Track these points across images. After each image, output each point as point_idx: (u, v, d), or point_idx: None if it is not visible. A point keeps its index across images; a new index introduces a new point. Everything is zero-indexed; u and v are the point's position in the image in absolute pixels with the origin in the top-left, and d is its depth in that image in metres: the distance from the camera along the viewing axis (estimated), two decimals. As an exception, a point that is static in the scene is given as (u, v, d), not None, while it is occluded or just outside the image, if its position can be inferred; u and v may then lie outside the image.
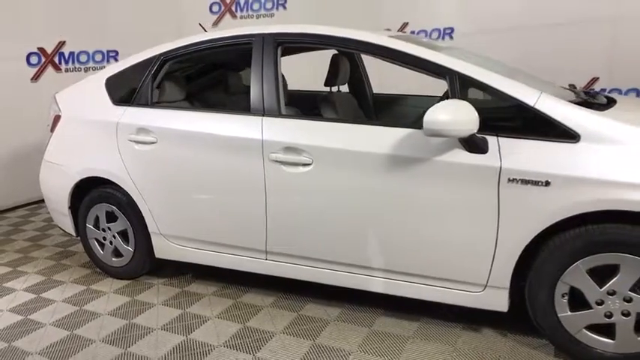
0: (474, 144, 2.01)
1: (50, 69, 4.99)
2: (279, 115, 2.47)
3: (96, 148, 2.94)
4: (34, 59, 4.89)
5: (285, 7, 6.07)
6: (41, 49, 4.92)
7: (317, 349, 2.26)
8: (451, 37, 5.59)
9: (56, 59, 5.03)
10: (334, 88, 3.13)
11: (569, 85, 2.69)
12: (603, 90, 4.98)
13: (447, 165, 2.07)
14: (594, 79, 4.96)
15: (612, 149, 1.87)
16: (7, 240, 3.95)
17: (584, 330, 2.01)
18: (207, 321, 2.56)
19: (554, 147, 1.93)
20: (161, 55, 2.86)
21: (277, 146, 2.40)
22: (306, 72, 3.86)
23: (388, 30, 5.90)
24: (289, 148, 2.37)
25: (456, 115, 1.95)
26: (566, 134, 1.93)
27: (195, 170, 2.64)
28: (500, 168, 1.98)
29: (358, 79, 3.61)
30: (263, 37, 2.56)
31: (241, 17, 6.19)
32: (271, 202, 2.47)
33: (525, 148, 1.97)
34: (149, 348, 2.35)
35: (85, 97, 3.10)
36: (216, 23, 6.16)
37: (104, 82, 3.02)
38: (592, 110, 1.98)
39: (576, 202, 1.88)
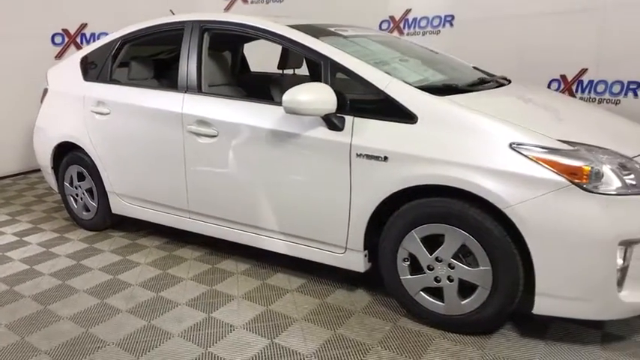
0: (331, 122, 2.28)
1: (73, 48, 5.63)
2: (198, 92, 2.84)
3: (69, 117, 3.46)
4: (58, 39, 5.55)
5: (293, -6, 6.33)
6: (65, 30, 5.57)
7: (210, 293, 2.65)
8: (451, 25, 5.68)
9: (78, 40, 5.67)
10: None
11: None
12: (591, 82, 4.92)
13: (312, 140, 2.36)
14: (583, 71, 4.90)
15: (440, 130, 2.08)
16: (19, 195, 4.64)
17: (421, 292, 2.25)
18: (138, 266, 3.01)
19: (396, 127, 2.17)
20: (120, 37, 3.31)
21: (192, 119, 2.78)
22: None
23: (391, 17, 6.09)
24: (201, 121, 2.74)
25: (315, 96, 2.24)
26: (406, 116, 2.15)
27: (136, 138, 3.07)
28: (351, 144, 2.24)
29: (316, 64, 3.88)
30: (192, 24, 2.93)
31: (252, 2, 6.56)
32: (189, 168, 2.86)
33: (372, 127, 2.22)
34: (82, 282, 2.83)
35: (65, 73, 3.61)
36: (227, 8, 6.56)
37: (79, 60, 3.52)
38: (432, 95, 2.17)
39: (406, 176, 2.11)
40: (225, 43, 3.95)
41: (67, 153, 3.57)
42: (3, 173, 5.33)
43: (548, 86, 5.05)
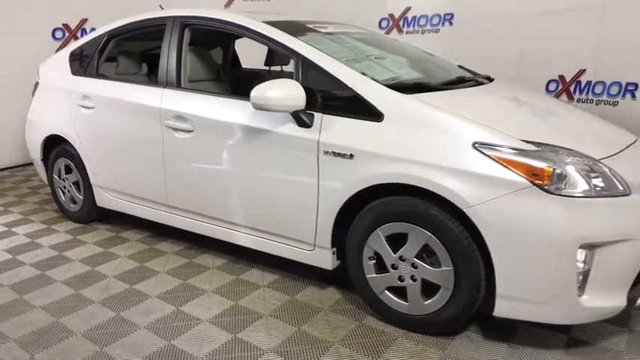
0: (300, 119, 2.28)
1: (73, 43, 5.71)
2: (177, 87, 2.85)
3: (57, 111, 3.50)
4: (58, 34, 5.63)
5: (294, -9, 6.30)
6: (65, 25, 5.64)
7: (182, 287, 2.67)
8: (451, 23, 5.64)
9: (79, 34, 5.73)
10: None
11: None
12: (589, 83, 4.85)
13: (282, 136, 2.36)
14: (581, 71, 4.83)
15: (405, 128, 2.07)
16: (14, 187, 4.71)
17: (386, 291, 2.23)
18: (117, 259, 3.05)
19: (362, 124, 2.16)
20: (106, 33, 3.35)
21: (170, 114, 2.79)
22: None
23: (391, 15, 6.06)
24: (178, 117, 2.76)
25: (283, 93, 2.23)
26: (373, 113, 2.14)
27: (118, 132, 3.10)
28: (318, 141, 2.24)
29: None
30: (173, 19, 2.94)
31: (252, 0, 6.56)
32: (167, 163, 2.88)
33: (340, 125, 2.21)
34: (61, 273, 2.87)
35: (55, 67, 3.66)
36: (227, 5, 6.58)
37: (68, 55, 3.57)
38: (399, 93, 2.15)
39: (370, 174, 2.10)
40: (213, 39, 3.96)
41: (55, 146, 3.62)
42: (2, 165, 5.42)
43: (547, 86, 5.00)
